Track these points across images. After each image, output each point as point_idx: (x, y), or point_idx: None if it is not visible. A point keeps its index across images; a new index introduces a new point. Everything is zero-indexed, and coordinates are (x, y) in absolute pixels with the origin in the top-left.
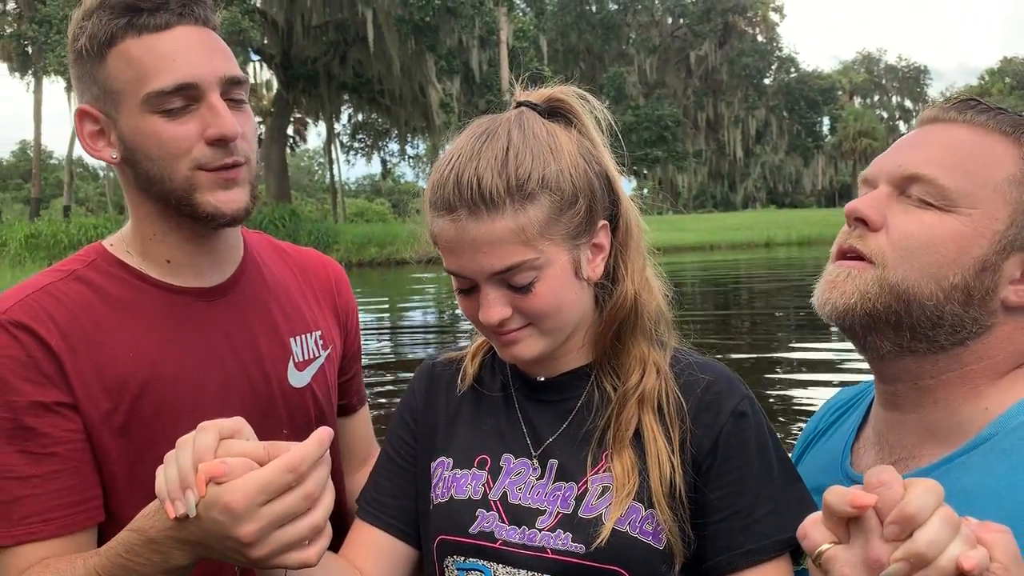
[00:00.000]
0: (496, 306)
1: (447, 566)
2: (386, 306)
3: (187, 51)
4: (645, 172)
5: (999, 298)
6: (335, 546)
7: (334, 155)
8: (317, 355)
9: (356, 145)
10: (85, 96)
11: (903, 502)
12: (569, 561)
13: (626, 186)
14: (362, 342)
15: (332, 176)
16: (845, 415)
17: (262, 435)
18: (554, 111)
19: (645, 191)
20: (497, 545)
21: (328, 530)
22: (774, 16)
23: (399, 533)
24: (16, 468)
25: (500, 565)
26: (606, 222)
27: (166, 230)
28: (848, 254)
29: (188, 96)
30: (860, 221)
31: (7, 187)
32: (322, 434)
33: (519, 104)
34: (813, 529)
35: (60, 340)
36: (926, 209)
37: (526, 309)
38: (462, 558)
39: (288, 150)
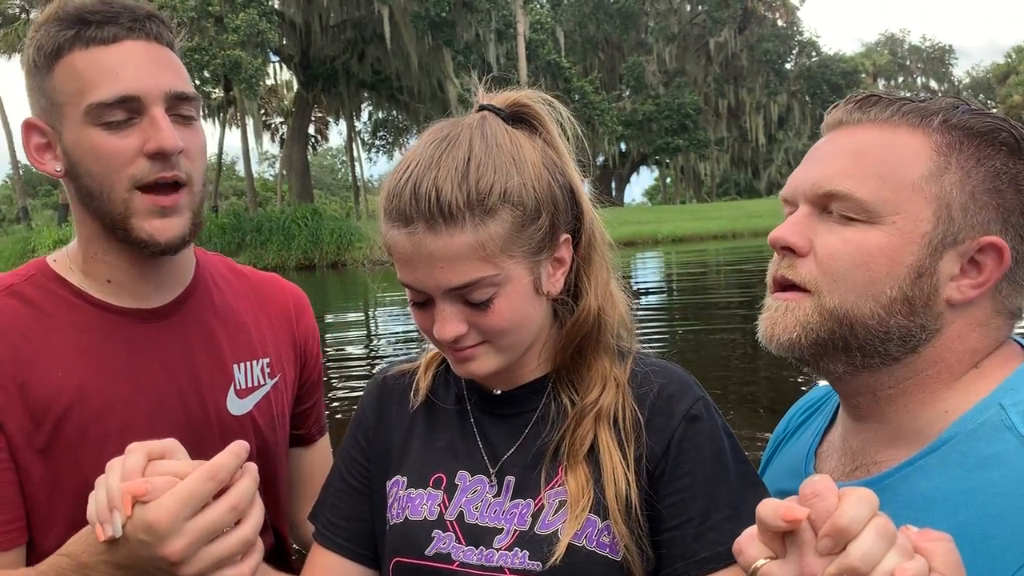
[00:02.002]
0: (451, 322)
1: None
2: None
3: (132, 65)
4: (667, 161)
5: (942, 299)
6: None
7: (355, 153)
8: (262, 383)
9: (377, 142)
10: (35, 108)
11: (835, 514)
12: None
13: (647, 176)
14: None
15: (354, 174)
16: (812, 417)
17: None
18: (518, 117)
19: (668, 180)
20: (454, 566)
21: (260, 545)
22: (793, 0)
23: (356, 556)
24: None
25: None
26: (568, 236)
27: (107, 250)
28: (782, 285)
29: (130, 109)
30: (787, 249)
31: (37, 193)
32: (238, 446)
33: (482, 108)
34: (748, 544)
35: None
36: (849, 225)
37: (483, 326)
38: None
39: (310, 149)
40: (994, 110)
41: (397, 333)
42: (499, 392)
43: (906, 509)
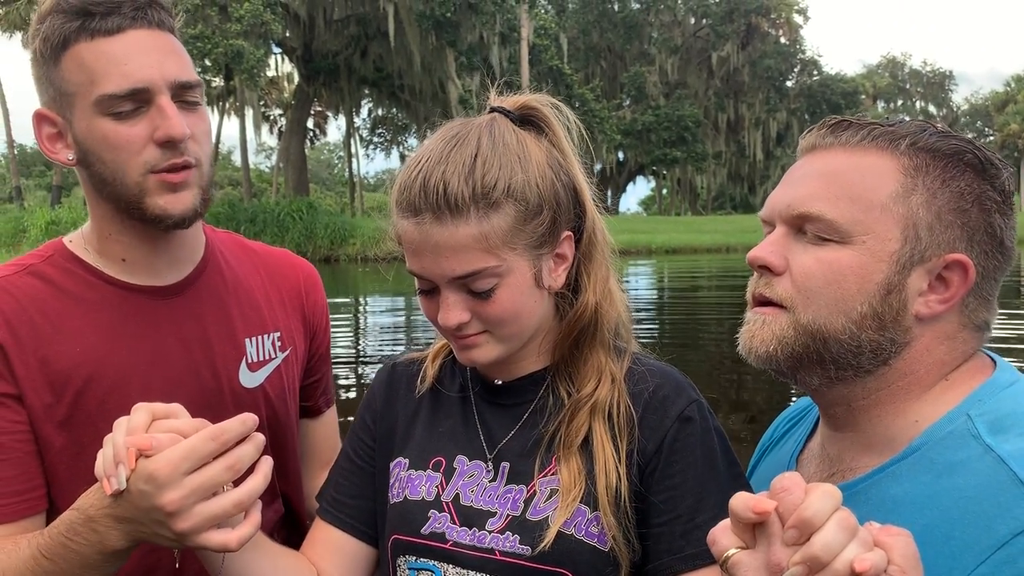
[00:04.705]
0: (455, 310)
1: (399, 565)
2: (401, 304)
3: (138, 55)
4: (664, 173)
5: (911, 313)
6: (293, 548)
7: (353, 149)
8: (273, 356)
9: (375, 139)
10: (43, 98)
11: (800, 507)
12: (516, 563)
13: (644, 186)
14: (372, 336)
15: (351, 170)
16: (795, 426)
17: None
18: (527, 119)
19: (664, 191)
20: (447, 546)
21: (255, 519)
22: (798, 18)
23: (357, 533)
24: None
25: (450, 565)
26: (570, 233)
27: (121, 229)
28: (760, 301)
29: (138, 99)
30: (764, 268)
31: (31, 174)
32: (246, 416)
33: (492, 110)
34: (721, 535)
35: (7, 333)
36: (823, 245)
37: (485, 315)
38: (414, 558)
39: (308, 143)
40: (991, 137)
41: (385, 326)
42: (500, 382)
43: (876, 512)
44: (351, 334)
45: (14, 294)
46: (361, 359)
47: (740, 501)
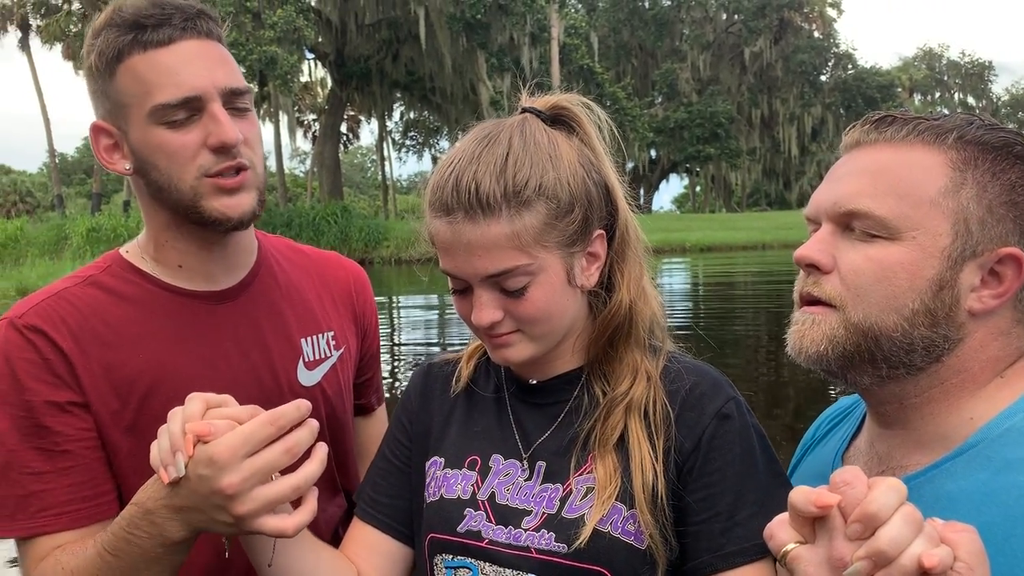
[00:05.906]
0: (488, 308)
1: (436, 564)
2: (435, 302)
3: (190, 64)
4: (698, 170)
5: (964, 309)
6: None
7: (386, 152)
8: (329, 355)
9: (408, 142)
10: (99, 111)
11: (865, 500)
12: (552, 561)
13: (677, 184)
14: (406, 336)
15: (384, 173)
16: (840, 424)
17: None
18: (558, 118)
19: (698, 189)
20: (484, 544)
21: (311, 506)
22: (831, 12)
23: (395, 533)
24: (32, 464)
25: (487, 563)
26: (602, 231)
27: (177, 236)
28: (809, 301)
29: (191, 108)
30: (812, 267)
31: (71, 182)
32: (301, 401)
33: (524, 110)
34: (779, 529)
35: (72, 343)
36: (871, 242)
37: (517, 313)
38: (450, 556)
39: (341, 147)
40: None
41: (417, 323)
42: (535, 382)
43: (931, 509)
44: (387, 333)
45: (76, 305)
46: (396, 358)
47: (801, 495)
